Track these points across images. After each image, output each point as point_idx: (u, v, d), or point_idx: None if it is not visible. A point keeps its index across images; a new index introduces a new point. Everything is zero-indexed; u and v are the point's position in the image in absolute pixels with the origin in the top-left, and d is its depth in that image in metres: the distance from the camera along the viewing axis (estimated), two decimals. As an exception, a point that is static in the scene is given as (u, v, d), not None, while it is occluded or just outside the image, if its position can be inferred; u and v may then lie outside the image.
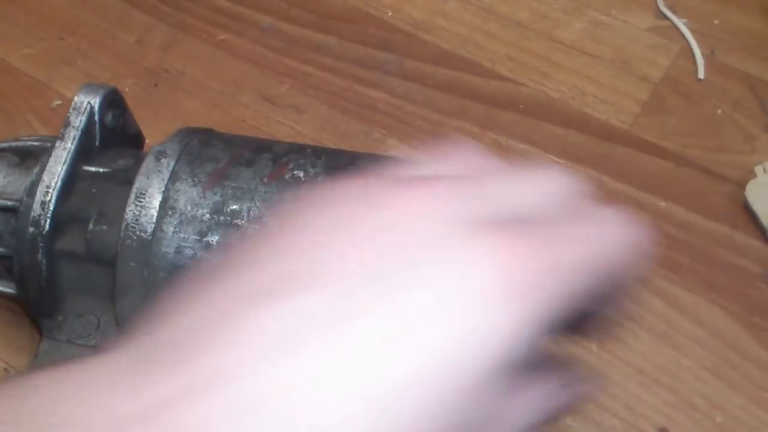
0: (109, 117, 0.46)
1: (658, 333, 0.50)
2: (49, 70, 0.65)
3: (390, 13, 0.68)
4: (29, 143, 0.47)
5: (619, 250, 0.29)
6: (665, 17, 0.66)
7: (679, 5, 0.67)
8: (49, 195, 0.43)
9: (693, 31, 0.65)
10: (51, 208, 0.43)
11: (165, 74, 0.64)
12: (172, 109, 0.62)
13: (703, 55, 0.64)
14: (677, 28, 0.66)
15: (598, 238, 0.28)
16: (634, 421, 0.47)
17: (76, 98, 0.46)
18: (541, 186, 0.30)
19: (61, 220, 0.43)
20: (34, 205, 0.43)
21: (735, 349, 0.49)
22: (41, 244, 0.42)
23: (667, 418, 0.47)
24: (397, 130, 0.60)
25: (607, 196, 0.56)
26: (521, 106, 0.62)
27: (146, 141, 0.52)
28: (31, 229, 0.43)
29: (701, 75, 0.63)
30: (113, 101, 0.47)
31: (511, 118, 0.61)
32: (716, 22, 0.66)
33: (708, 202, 0.56)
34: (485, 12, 0.68)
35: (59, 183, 0.43)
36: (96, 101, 0.45)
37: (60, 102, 0.62)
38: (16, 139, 0.48)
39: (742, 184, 0.55)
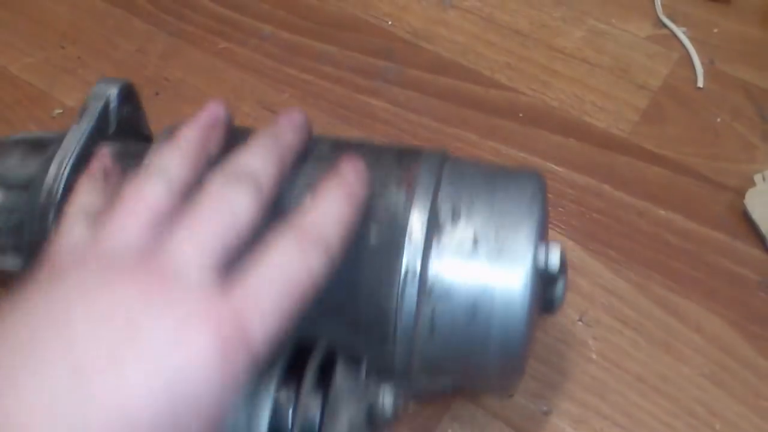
0: (124, 110, 0.48)
1: (657, 341, 0.50)
2: (50, 78, 0.65)
3: (390, 22, 0.68)
4: (42, 135, 0.47)
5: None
6: (664, 26, 0.67)
7: (678, 14, 0.67)
8: (63, 167, 0.43)
9: (692, 39, 0.65)
10: (64, 180, 0.43)
11: (166, 83, 0.65)
12: (173, 118, 0.61)
13: (702, 63, 0.64)
14: (676, 37, 0.66)
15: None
16: (634, 428, 0.47)
17: (95, 87, 0.47)
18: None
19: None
20: (47, 177, 0.43)
21: (734, 357, 0.49)
22: (52, 213, 0.43)
23: (666, 426, 0.47)
24: (398, 139, 0.60)
25: (607, 205, 0.56)
26: (521, 115, 0.62)
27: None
28: (44, 198, 0.43)
29: (700, 83, 0.63)
30: (129, 95, 0.48)
31: (511, 126, 0.61)
32: (715, 30, 0.66)
33: (707, 210, 0.56)
34: (485, 21, 0.68)
35: (74, 158, 0.44)
36: (114, 91, 0.47)
37: (61, 110, 0.63)
38: (29, 132, 0.48)
39: (741, 193, 0.56)
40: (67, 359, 0.28)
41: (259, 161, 0.36)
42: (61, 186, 0.43)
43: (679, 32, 0.66)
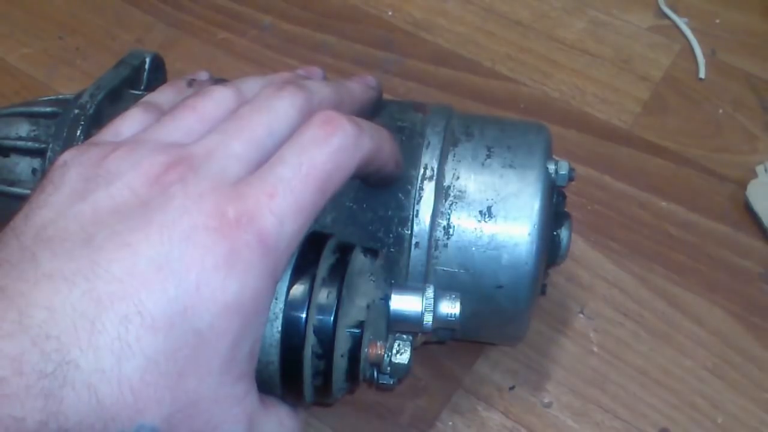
0: (152, 77, 0.49)
1: (658, 333, 0.50)
2: (48, 69, 0.65)
3: (390, 12, 0.68)
4: (44, 109, 0.46)
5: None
6: (666, 16, 0.66)
7: (679, 4, 0.67)
8: (95, 97, 0.43)
9: (694, 30, 0.65)
10: (97, 100, 0.43)
11: (164, 73, 0.64)
12: (171, 109, 0.62)
13: (703, 54, 0.63)
14: (678, 28, 0.66)
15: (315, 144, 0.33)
16: (635, 421, 0.47)
17: (132, 50, 0.49)
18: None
19: (105, 115, 0.43)
20: (82, 98, 0.43)
21: (736, 350, 0.49)
22: (83, 123, 0.42)
23: (667, 419, 0.47)
24: (397, 130, 0.60)
25: (608, 196, 0.56)
26: (521, 106, 0.62)
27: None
28: (76, 111, 0.43)
29: (702, 74, 0.62)
30: (159, 65, 0.49)
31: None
32: (717, 21, 0.66)
33: (709, 201, 0.56)
34: (485, 11, 0.68)
35: (106, 91, 0.44)
36: (148, 57, 0.48)
37: (59, 101, 0.62)
38: (28, 103, 0.47)
39: (743, 184, 0.55)
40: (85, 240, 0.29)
41: (317, 83, 0.38)
42: (95, 104, 0.43)
43: (681, 23, 0.65)
